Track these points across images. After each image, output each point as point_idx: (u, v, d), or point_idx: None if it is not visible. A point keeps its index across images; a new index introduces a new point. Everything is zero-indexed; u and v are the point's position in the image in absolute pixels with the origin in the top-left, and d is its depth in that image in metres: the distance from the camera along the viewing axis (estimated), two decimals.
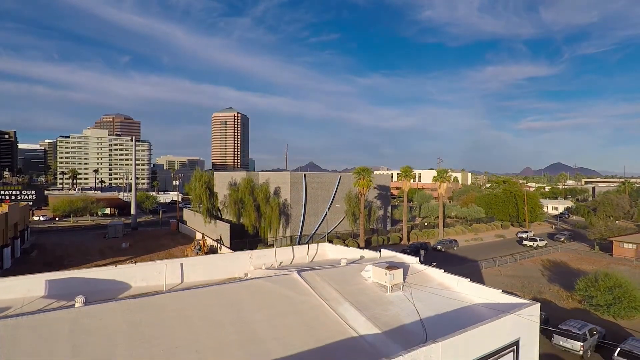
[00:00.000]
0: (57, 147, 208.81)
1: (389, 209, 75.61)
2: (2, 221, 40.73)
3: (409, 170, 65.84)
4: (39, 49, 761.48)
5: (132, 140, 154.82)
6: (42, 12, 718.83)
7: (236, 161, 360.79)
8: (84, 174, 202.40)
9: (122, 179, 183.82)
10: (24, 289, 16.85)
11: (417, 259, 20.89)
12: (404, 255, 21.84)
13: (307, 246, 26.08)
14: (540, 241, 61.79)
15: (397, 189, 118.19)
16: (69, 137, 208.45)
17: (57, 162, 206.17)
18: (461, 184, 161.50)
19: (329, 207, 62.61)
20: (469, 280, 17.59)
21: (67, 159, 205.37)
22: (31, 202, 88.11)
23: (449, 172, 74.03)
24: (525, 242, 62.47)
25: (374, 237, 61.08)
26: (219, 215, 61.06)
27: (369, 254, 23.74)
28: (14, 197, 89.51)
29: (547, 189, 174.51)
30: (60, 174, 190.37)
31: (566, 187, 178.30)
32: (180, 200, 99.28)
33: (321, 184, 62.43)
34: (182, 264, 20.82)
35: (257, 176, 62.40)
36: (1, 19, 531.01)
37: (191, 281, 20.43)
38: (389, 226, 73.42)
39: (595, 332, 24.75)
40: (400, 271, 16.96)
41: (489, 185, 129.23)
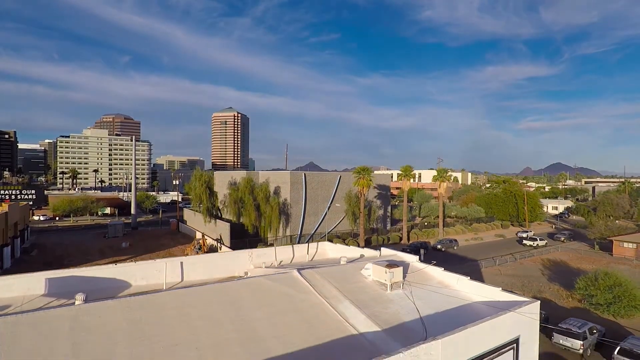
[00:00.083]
0: (57, 147, 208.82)
1: (389, 208, 75.59)
2: (2, 220, 40.71)
3: (409, 169, 65.77)
4: (39, 49, 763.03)
5: (132, 140, 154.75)
6: (42, 12, 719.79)
7: (236, 161, 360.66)
8: (84, 173, 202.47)
9: (122, 178, 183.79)
10: (24, 287, 16.86)
11: (417, 257, 20.89)
12: (403, 253, 21.83)
13: (307, 245, 26.06)
14: (540, 241, 61.78)
15: (397, 188, 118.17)
16: (69, 137, 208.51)
17: (57, 162, 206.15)
18: (461, 183, 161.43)
19: (329, 206, 62.60)
20: (468, 278, 17.59)
21: (67, 159, 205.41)
22: (31, 202, 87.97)
23: (448, 171, 74.01)
24: (525, 242, 62.47)
25: (374, 236, 61.09)
26: (219, 214, 61.03)
27: (369, 253, 23.72)
28: (14, 196, 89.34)
29: (547, 188, 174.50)
30: (60, 173, 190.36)
31: (566, 187, 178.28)
32: (180, 200, 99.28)
33: (321, 183, 62.40)
34: (182, 263, 20.81)
35: (257, 176, 62.32)
36: (1, 19, 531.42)
37: (191, 280, 20.42)
38: (388, 226, 73.41)
39: (595, 330, 24.75)
40: (400, 269, 16.96)
41: (489, 185, 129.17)
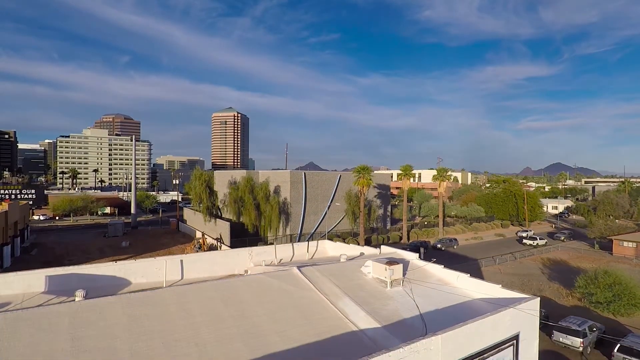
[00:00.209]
0: (57, 147, 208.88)
1: (389, 208, 75.62)
2: (2, 219, 40.71)
3: (409, 168, 65.78)
4: (39, 49, 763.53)
5: (132, 140, 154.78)
6: (42, 12, 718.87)
7: (236, 161, 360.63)
8: (84, 173, 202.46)
9: (122, 178, 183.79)
10: (24, 285, 16.86)
11: (417, 255, 20.90)
12: (403, 251, 21.83)
13: (307, 243, 26.09)
14: (540, 240, 61.81)
15: (397, 188, 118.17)
16: (68, 137, 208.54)
17: (57, 162, 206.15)
18: (461, 183, 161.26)
19: (329, 206, 62.62)
20: (468, 275, 17.59)
21: (67, 158, 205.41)
22: (31, 202, 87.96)
23: (448, 171, 74.00)
24: (525, 241, 62.51)
25: (374, 236, 61.10)
26: (219, 214, 61.04)
27: (368, 251, 23.74)
28: (13, 196, 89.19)
29: (547, 188, 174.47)
30: (60, 173, 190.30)
31: (566, 186, 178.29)
32: (180, 199, 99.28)
33: (321, 182, 62.41)
34: (182, 261, 20.81)
35: (257, 175, 62.31)
36: (1, 19, 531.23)
37: (191, 278, 20.41)
38: (388, 225, 73.43)
39: (595, 328, 24.77)
40: (400, 266, 16.97)
41: (488, 184, 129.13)
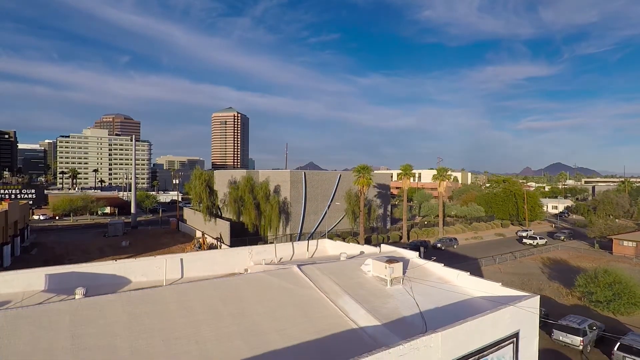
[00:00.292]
0: (57, 147, 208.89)
1: (389, 207, 75.63)
2: (2, 219, 40.72)
3: (409, 168, 65.80)
4: (39, 49, 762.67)
5: (132, 139, 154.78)
6: (42, 12, 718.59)
7: (236, 161, 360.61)
8: (84, 173, 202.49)
9: (122, 178, 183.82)
10: (24, 283, 16.85)
11: (417, 253, 20.89)
12: (403, 250, 21.82)
13: (307, 242, 26.06)
14: (540, 239, 61.81)
15: (397, 188, 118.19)
16: (68, 137, 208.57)
17: (57, 162, 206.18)
18: (461, 183, 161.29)
19: (329, 205, 62.63)
20: (468, 273, 17.60)
21: (67, 158, 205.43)
22: (31, 201, 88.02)
23: (448, 171, 74.02)
24: (525, 241, 62.52)
25: (374, 235, 61.10)
26: (219, 213, 61.05)
27: (368, 249, 23.72)
28: (13, 196, 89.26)
29: (546, 188, 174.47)
30: (60, 173, 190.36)
31: (566, 186, 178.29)
32: (180, 199, 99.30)
33: (321, 182, 62.42)
34: (182, 259, 20.79)
35: (257, 174, 62.32)
36: (1, 19, 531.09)
37: (191, 276, 20.39)
38: (388, 225, 73.43)
39: (594, 327, 24.78)
40: (400, 265, 16.96)
41: (488, 184, 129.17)
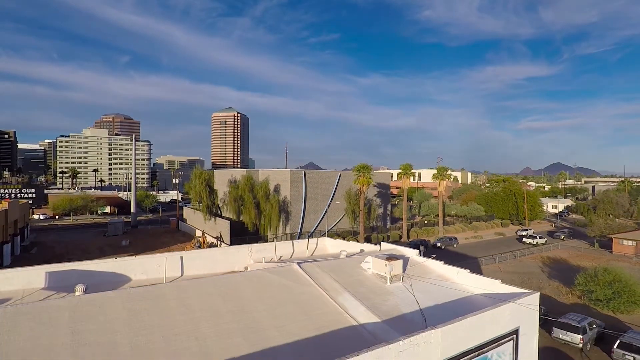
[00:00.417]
0: (57, 147, 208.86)
1: (389, 207, 75.63)
2: (2, 218, 40.71)
3: (409, 167, 65.77)
4: (39, 49, 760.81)
5: (132, 139, 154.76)
6: (42, 12, 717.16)
7: (236, 161, 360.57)
8: (84, 173, 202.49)
9: (121, 178, 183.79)
10: (24, 281, 16.86)
11: (417, 251, 20.90)
12: (403, 247, 21.84)
13: (307, 240, 26.08)
14: (540, 239, 61.83)
15: (397, 188, 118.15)
16: (68, 137, 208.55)
17: (57, 162, 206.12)
18: (461, 183, 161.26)
19: (329, 204, 62.62)
20: (468, 271, 17.60)
21: (66, 158, 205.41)
22: (31, 201, 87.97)
23: (448, 170, 74.01)
24: (525, 240, 62.53)
25: (374, 234, 61.08)
26: (219, 212, 61.06)
27: (368, 248, 23.75)
28: (13, 195, 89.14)
29: (546, 188, 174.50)
30: (60, 173, 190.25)
31: (566, 186, 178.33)
32: (180, 199, 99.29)
33: (321, 181, 62.42)
34: (182, 258, 20.80)
35: (257, 174, 62.31)
36: (1, 19, 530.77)
37: (191, 274, 20.41)
38: (388, 224, 73.44)
39: (594, 325, 24.78)
40: (400, 262, 16.97)
41: (488, 184, 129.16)
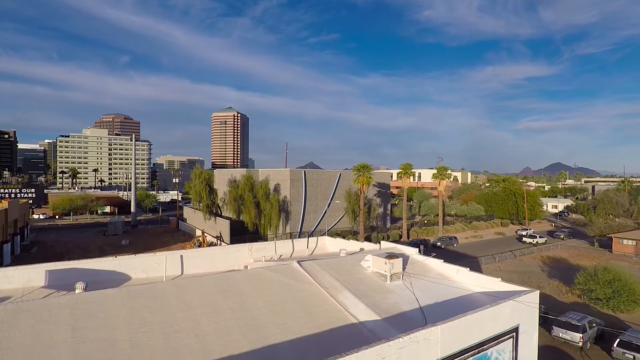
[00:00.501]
0: (57, 147, 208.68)
1: (389, 207, 75.63)
2: (2, 217, 40.72)
3: (409, 167, 65.74)
4: (39, 49, 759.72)
5: (131, 139, 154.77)
6: (42, 12, 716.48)
7: (236, 161, 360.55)
8: (84, 173, 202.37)
9: (121, 178, 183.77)
10: (24, 279, 16.90)
11: (417, 250, 20.92)
12: (403, 246, 21.87)
13: (307, 239, 26.12)
14: (539, 238, 61.82)
15: (397, 187, 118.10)
16: (68, 137, 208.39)
17: (57, 162, 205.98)
18: (461, 183, 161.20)
19: (329, 204, 62.62)
20: (468, 269, 17.63)
21: (66, 158, 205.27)
22: (31, 201, 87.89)
23: (448, 170, 74.00)
24: (525, 239, 62.51)
25: (374, 234, 61.04)
26: (219, 212, 61.06)
27: (368, 246, 23.78)
28: (13, 195, 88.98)
29: (546, 188, 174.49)
30: (60, 173, 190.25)
31: (566, 186, 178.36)
32: (180, 198, 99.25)
33: (321, 181, 62.43)
34: (182, 256, 20.84)
35: (256, 173, 62.29)
36: (1, 19, 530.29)
37: (191, 273, 20.45)
38: (388, 224, 73.44)
39: (594, 324, 24.80)
40: (399, 260, 16.99)
41: (488, 184, 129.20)
